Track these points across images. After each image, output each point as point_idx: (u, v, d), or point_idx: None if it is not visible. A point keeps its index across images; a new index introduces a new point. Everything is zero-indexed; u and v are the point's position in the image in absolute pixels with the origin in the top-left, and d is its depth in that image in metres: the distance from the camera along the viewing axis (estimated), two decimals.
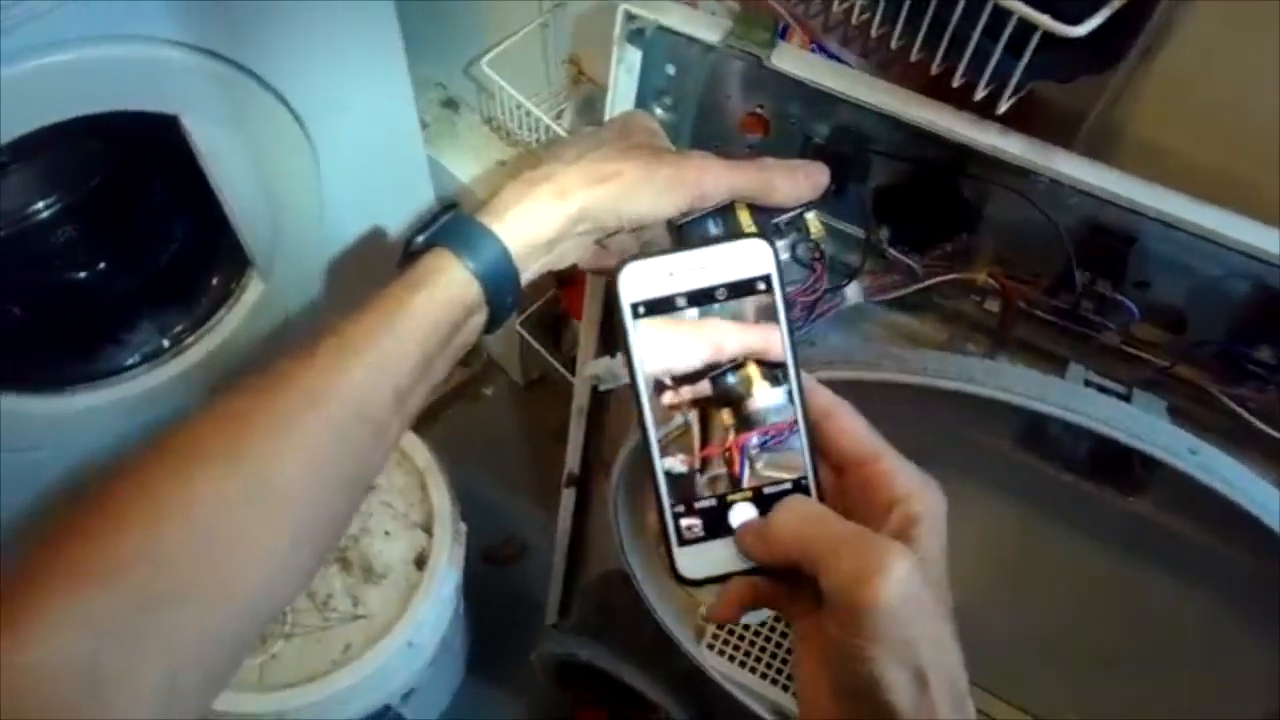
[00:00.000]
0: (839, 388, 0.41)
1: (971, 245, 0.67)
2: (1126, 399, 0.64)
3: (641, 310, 0.35)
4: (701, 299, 0.35)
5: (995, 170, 0.62)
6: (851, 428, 0.37)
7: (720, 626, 0.98)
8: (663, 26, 0.64)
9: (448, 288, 0.43)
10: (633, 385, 0.36)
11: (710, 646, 0.99)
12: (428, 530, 1.02)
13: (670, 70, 0.69)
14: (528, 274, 0.47)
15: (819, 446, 0.37)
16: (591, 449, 1.00)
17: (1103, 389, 0.63)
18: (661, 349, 0.36)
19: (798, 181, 0.53)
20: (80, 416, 0.98)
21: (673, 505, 0.35)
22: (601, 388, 0.88)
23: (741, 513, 0.35)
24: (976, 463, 0.72)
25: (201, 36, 0.80)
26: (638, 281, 0.35)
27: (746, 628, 0.97)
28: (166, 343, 1.02)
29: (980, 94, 0.57)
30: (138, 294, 1.06)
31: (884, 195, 0.67)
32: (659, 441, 0.35)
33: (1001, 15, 0.52)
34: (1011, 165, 0.60)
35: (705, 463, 0.36)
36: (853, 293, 0.68)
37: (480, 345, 1.63)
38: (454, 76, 1.34)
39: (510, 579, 1.51)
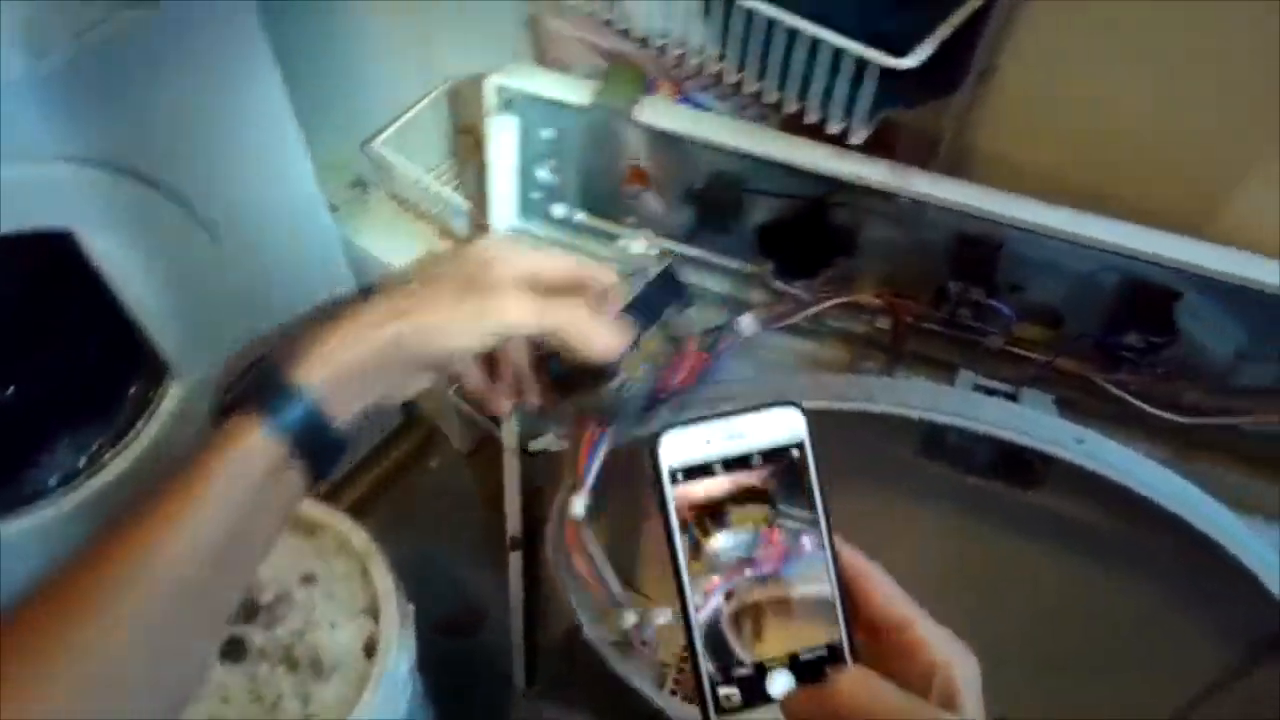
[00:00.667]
0: None
1: (854, 269, 0.70)
2: (1014, 398, 0.66)
3: (680, 477, 0.35)
4: (736, 465, 0.35)
5: (863, 196, 0.65)
6: (885, 592, 0.37)
7: (680, 671, 0.98)
8: (532, 94, 0.67)
9: (247, 456, 0.43)
10: (672, 555, 0.35)
11: (674, 693, 0.99)
12: (374, 615, 1.00)
13: (548, 134, 0.71)
14: (348, 417, 0.46)
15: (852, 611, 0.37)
16: (535, 510, 1.00)
17: (991, 391, 0.66)
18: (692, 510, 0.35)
19: (605, 338, 0.49)
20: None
21: (710, 674, 0.35)
22: (531, 448, 0.89)
23: (779, 680, 0.35)
24: (887, 476, 0.74)
25: (89, 148, 0.80)
26: (675, 449, 0.35)
27: None
28: (84, 461, 1.00)
29: (835, 128, 0.60)
30: (52, 413, 1.03)
31: (766, 231, 0.70)
32: (696, 610, 0.34)
33: (839, 54, 0.56)
34: (876, 190, 0.64)
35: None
36: (747, 325, 0.70)
37: (421, 415, 1.63)
38: (358, 156, 1.35)
39: (474, 649, 1.48)
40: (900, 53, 0.53)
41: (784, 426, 0.36)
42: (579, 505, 0.65)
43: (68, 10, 0.74)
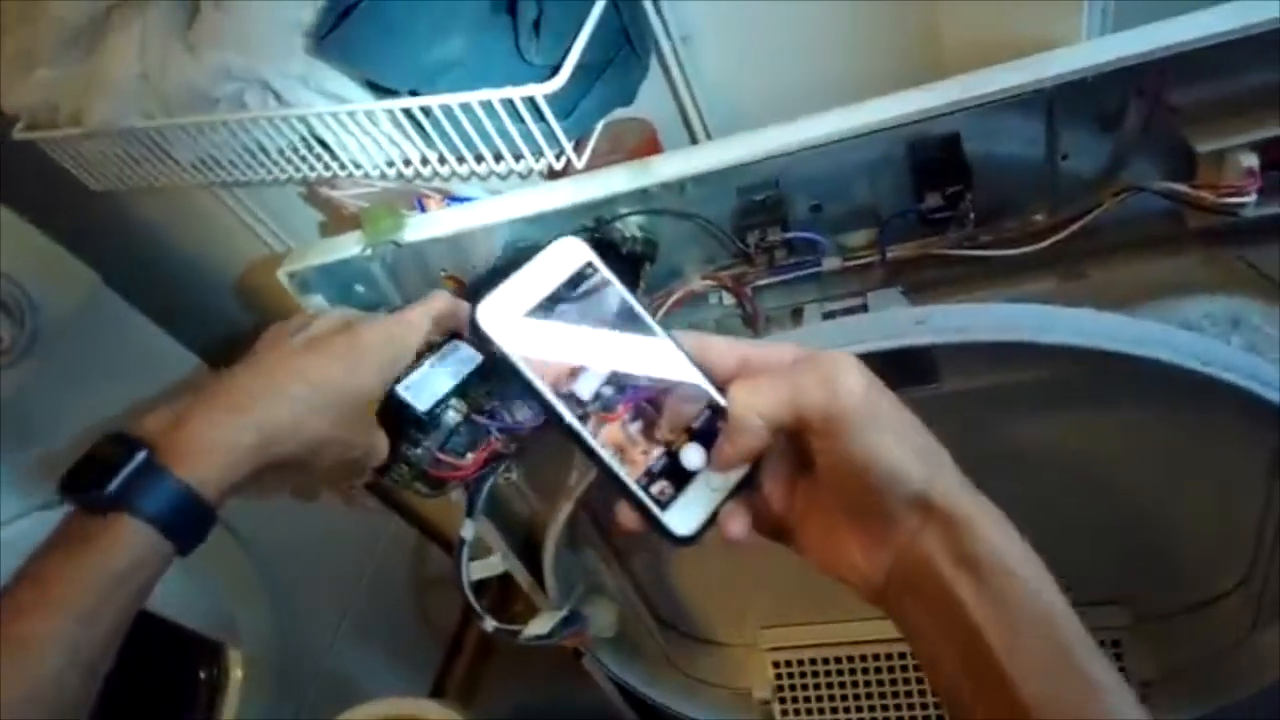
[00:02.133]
0: None
1: (667, 269, 0.70)
2: (864, 308, 0.65)
3: (505, 335, 0.37)
4: (548, 304, 0.38)
5: (635, 204, 0.66)
6: (717, 344, 0.39)
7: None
8: (316, 267, 0.71)
9: (127, 553, 0.43)
10: (543, 400, 0.37)
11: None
12: None
13: (360, 288, 0.75)
14: (221, 497, 0.46)
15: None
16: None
17: (832, 314, 0.64)
18: (547, 357, 0.37)
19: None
20: None
21: (637, 483, 0.37)
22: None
23: (691, 453, 0.37)
24: None
25: None
26: (494, 312, 0.37)
27: None
28: None
29: (559, 164, 0.62)
30: None
31: None
32: (596, 440, 0.37)
33: (511, 105, 0.58)
34: (638, 193, 0.64)
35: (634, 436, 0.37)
36: None
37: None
38: None
39: None
40: (549, 78, 0.54)
41: (571, 257, 0.39)
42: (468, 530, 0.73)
43: None
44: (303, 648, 1.17)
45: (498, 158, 0.62)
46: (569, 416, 0.37)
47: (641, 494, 0.37)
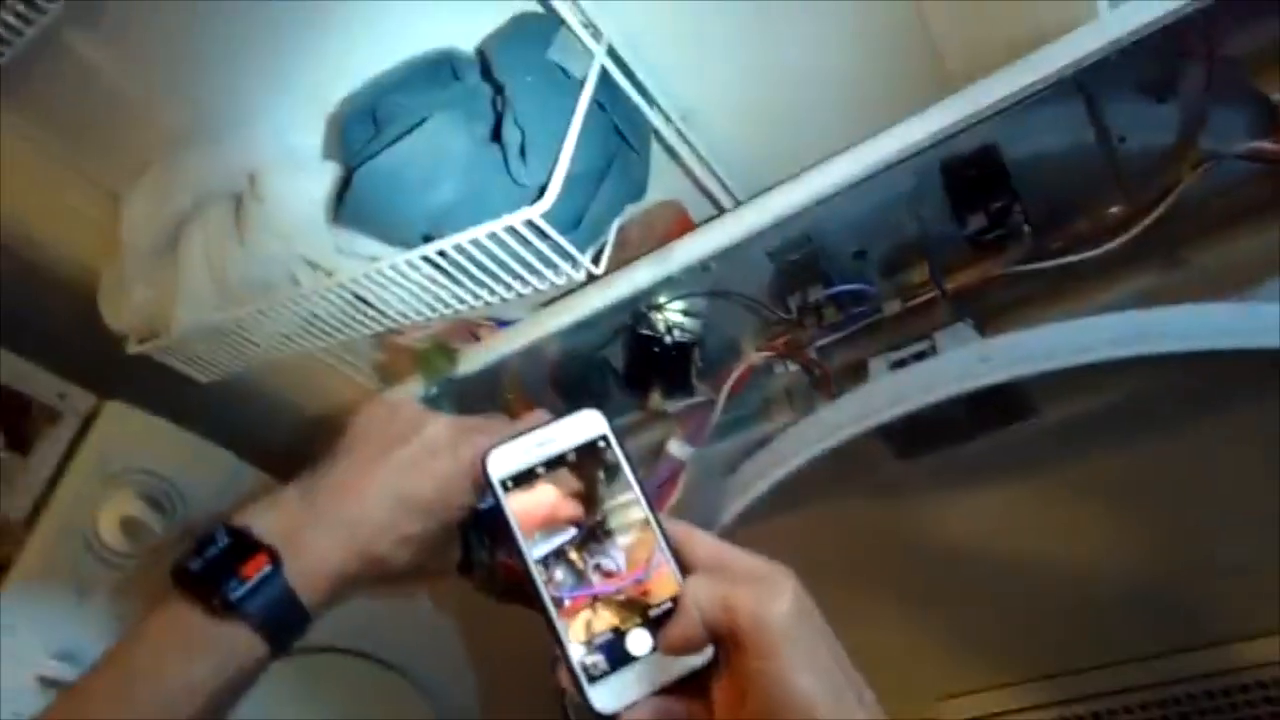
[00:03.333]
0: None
1: (722, 344, 0.68)
2: (933, 351, 0.59)
3: (510, 484, 0.40)
4: (555, 465, 0.41)
5: (668, 292, 0.64)
6: (700, 539, 0.40)
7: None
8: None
9: (238, 660, 0.44)
10: (516, 549, 0.39)
11: None
12: None
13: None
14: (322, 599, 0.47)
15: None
16: None
17: (901, 362, 0.59)
18: (532, 513, 0.40)
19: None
20: None
21: (575, 651, 0.38)
22: None
23: (637, 639, 0.39)
24: (903, 491, 0.66)
25: None
26: (501, 461, 0.40)
27: None
28: None
29: (579, 274, 0.61)
30: None
31: (631, 372, 0.70)
32: (551, 597, 0.39)
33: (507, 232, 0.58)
34: (666, 282, 0.63)
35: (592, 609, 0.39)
36: (679, 449, 0.68)
37: None
38: None
39: None
40: (534, 200, 0.54)
41: (588, 427, 0.41)
42: None
43: None
44: None
45: (523, 281, 0.62)
46: (537, 577, 0.39)
47: (575, 663, 0.38)
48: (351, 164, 0.63)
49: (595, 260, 0.62)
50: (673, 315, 0.67)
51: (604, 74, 0.61)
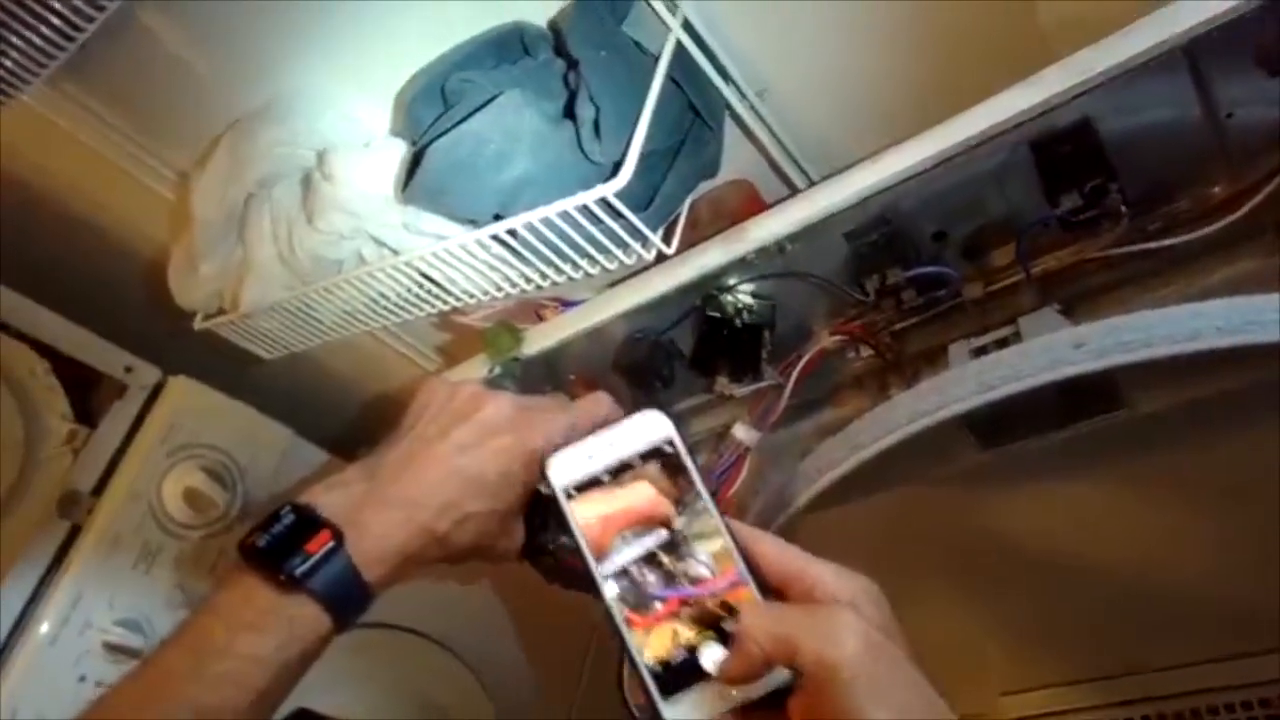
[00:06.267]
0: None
1: (790, 327, 0.66)
2: (1016, 337, 0.57)
3: (573, 492, 0.39)
4: (620, 471, 0.39)
5: (740, 273, 0.63)
6: (773, 549, 0.39)
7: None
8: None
9: (303, 634, 0.44)
10: (584, 562, 0.38)
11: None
12: None
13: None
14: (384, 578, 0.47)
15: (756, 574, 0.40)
16: None
17: (984, 349, 0.57)
18: (597, 521, 0.39)
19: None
20: None
21: (648, 667, 0.37)
22: None
23: (710, 653, 0.37)
24: (989, 481, 0.64)
25: None
26: (564, 468, 0.40)
27: None
28: None
29: (649, 254, 0.60)
30: None
31: (698, 355, 0.68)
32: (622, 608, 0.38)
33: (587, 210, 0.57)
34: (738, 263, 0.61)
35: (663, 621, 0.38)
36: (744, 433, 0.66)
37: None
38: None
39: None
40: (610, 178, 0.53)
41: (652, 430, 0.40)
42: None
43: None
44: None
45: (592, 261, 0.61)
46: (608, 595, 0.37)
47: (648, 677, 0.37)
48: (420, 142, 0.63)
49: (666, 239, 0.61)
50: (743, 297, 0.65)
51: (679, 49, 0.59)
